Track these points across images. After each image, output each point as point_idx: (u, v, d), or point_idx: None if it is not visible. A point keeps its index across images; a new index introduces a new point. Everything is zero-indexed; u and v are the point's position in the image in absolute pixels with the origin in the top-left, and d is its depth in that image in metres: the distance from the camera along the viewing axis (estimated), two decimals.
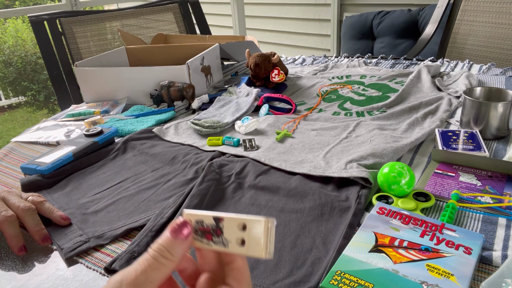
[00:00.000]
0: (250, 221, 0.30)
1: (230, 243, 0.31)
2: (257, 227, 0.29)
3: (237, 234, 0.30)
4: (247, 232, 0.30)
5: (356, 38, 2.57)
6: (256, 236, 0.30)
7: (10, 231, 0.55)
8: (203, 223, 0.32)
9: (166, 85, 1.05)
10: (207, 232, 0.32)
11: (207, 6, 3.31)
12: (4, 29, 4.99)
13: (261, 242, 0.29)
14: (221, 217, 0.31)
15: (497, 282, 0.42)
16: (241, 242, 0.30)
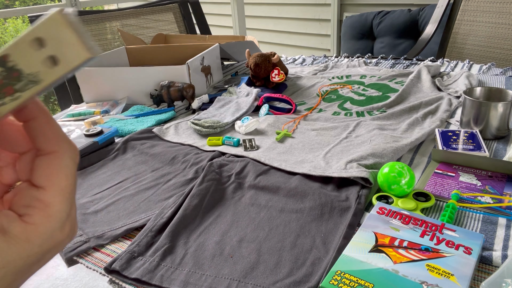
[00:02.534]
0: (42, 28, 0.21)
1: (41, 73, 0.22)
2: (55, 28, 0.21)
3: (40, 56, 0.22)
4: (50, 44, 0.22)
5: (356, 38, 2.57)
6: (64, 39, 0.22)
7: None
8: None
9: (166, 85, 1.05)
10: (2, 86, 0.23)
11: (207, 6, 3.31)
12: (4, 29, 4.99)
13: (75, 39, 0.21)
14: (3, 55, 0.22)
15: (497, 282, 0.42)
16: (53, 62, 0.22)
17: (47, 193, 0.25)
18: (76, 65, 0.22)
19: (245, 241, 0.55)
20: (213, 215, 0.61)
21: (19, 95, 0.23)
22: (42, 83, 0.22)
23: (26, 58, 0.22)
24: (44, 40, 0.22)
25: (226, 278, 0.49)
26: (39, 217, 0.24)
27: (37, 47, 0.22)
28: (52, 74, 0.22)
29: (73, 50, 0.22)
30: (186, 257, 0.53)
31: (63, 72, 0.22)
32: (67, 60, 0.22)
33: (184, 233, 0.57)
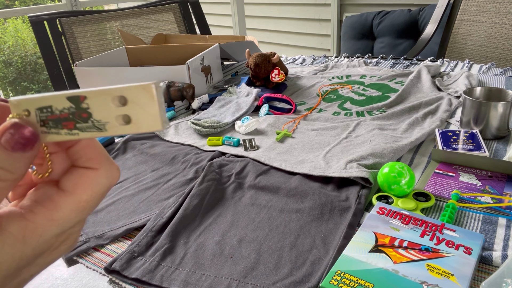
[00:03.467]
0: (130, 91, 0.23)
1: (108, 125, 0.23)
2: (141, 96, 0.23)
3: (115, 111, 0.23)
4: (131, 105, 0.23)
5: (356, 38, 2.57)
6: (144, 108, 0.23)
7: None
8: (52, 110, 0.24)
9: (166, 85, 1.05)
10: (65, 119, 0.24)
11: (207, 6, 3.31)
12: (4, 29, 4.99)
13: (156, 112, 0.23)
14: (81, 95, 0.23)
15: (497, 282, 0.42)
16: (126, 120, 0.23)
17: (63, 197, 0.24)
18: (146, 131, 0.23)
19: (245, 241, 0.55)
20: (213, 215, 0.61)
21: (76, 133, 0.24)
22: (104, 132, 0.24)
23: (101, 107, 0.23)
24: (127, 101, 0.23)
25: (226, 278, 0.49)
26: (42, 217, 0.23)
27: (118, 103, 0.23)
28: (118, 129, 0.24)
29: (149, 120, 0.23)
30: (186, 257, 0.53)
31: (129, 132, 0.23)
32: (139, 125, 0.23)
33: (184, 233, 0.57)
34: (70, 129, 0.24)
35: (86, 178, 0.24)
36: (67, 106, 0.23)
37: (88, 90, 0.23)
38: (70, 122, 0.24)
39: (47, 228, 0.23)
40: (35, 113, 0.24)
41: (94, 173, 0.25)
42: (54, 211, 0.23)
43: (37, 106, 0.24)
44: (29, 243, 0.23)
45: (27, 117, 0.24)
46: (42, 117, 0.24)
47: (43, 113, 0.24)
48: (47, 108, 0.24)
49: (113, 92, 0.23)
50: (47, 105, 0.24)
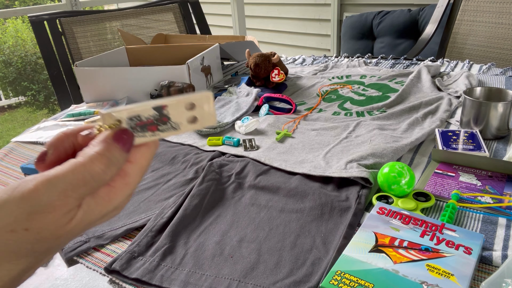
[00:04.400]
0: (198, 99, 0.30)
1: (181, 124, 0.31)
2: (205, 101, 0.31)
3: (186, 114, 0.31)
4: (197, 109, 0.31)
5: (356, 38, 2.57)
6: (207, 110, 0.31)
7: None
8: (140, 118, 0.30)
9: (166, 85, 1.05)
10: (150, 124, 0.30)
11: (207, 6, 3.31)
12: (4, 29, 4.99)
13: (213, 113, 0.31)
14: (163, 105, 0.30)
15: (497, 282, 0.42)
16: (193, 120, 0.31)
17: (131, 166, 0.30)
18: (204, 126, 0.31)
19: (245, 241, 0.55)
20: (213, 215, 0.61)
21: (158, 134, 0.31)
22: (178, 131, 0.31)
23: (177, 112, 0.30)
24: (195, 106, 0.31)
25: (226, 278, 0.49)
26: (119, 183, 0.30)
27: (189, 108, 0.31)
28: (188, 127, 0.31)
29: (209, 118, 0.31)
30: (186, 257, 0.53)
31: (195, 128, 0.31)
32: (202, 122, 0.31)
33: (184, 233, 0.57)
34: (153, 131, 0.31)
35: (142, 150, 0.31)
36: (152, 114, 0.30)
37: (167, 100, 0.30)
38: (154, 126, 0.30)
39: (124, 190, 0.30)
40: (126, 122, 0.30)
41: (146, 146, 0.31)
42: (126, 177, 0.30)
43: (128, 116, 0.30)
44: (112, 202, 0.29)
45: (120, 125, 0.30)
46: (131, 124, 0.30)
47: (132, 121, 0.30)
48: (136, 117, 0.30)
49: (186, 100, 0.30)
50: (136, 114, 0.30)
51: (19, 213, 0.25)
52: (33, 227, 0.26)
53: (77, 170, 0.27)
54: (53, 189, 0.26)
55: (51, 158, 0.31)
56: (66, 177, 0.27)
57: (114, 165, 0.29)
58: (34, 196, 0.26)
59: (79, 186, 0.27)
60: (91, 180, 0.27)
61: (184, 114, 0.31)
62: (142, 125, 0.30)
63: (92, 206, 0.28)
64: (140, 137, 0.31)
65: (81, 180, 0.27)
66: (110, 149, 0.29)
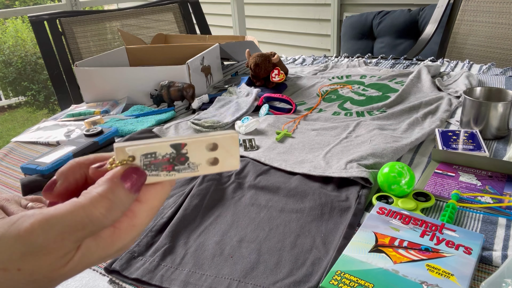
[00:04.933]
0: (221, 139, 0.28)
1: (200, 166, 0.28)
2: (229, 143, 0.28)
3: (207, 155, 0.28)
4: (220, 151, 0.28)
5: (356, 38, 2.57)
6: (230, 152, 0.28)
7: None
8: (155, 155, 0.28)
9: (166, 85, 1.05)
10: (165, 163, 0.28)
11: (207, 6, 3.31)
12: (4, 29, 4.99)
13: (237, 155, 0.29)
14: (182, 143, 0.28)
15: (497, 282, 0.42)
16: (214, 162, 0.29)
17: (140, 206, 0.28)
18: (227, 170, 0.29)
19: (245, 241, 0.55)
20: (213, 215, 0.61)
21: (173, 174, 0.28)
22: (196, 172, 0.29)
23: (197, 152, 0.28)
24: (217, 147, 0.28)
25: (226, 278, 0.49)
26: (125, 224, 0.27)
27: (210, 149, 0.28)
28: (207, 169, 0.29)
29: (232, 161, 0.29)
30: (186, 257, 0.53)
31: (216, 171, 0.29)
32: (224, 165, 0.29)
33: (184, 233, 0.57)
34: (169, 171, 0.28)
35: (155, 189, 0.29)
36: (169, 152, 0.28)
37: (186, 138, 0.28)
38: (170, 165, 0.28)
39: (129, 232, 0.28)
40: (139, 159, 0.27)
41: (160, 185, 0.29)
42: (133, 218, 0.28)
43: (143, 153, 0.27)
44: (115, 245, 0.27)
45: (132, 162, 0.27)
46: (146, 162, 0.28)
47: (147, 158, 0.28)
48: (152, 154, 0.28)
49: (208, 140, 0.28)
50: (152, 151, 0.28)
51: (13, 252, 0.24)
52: (26, 268, 0.24)
53: (76, 212, 0.25)
54: (49, 230, 0.24)
55: (59, 189, 0.29)
56: (64, 219, 0.25)
57: (118, 208, 0.27)
58: (29, 236, 0.24)
59: (77, 230, 0.25)
60: (90, 224, 0.25)
61: (204, 154, 0.28)
62: (157, 164, 0.28)
63: (92, 248, 0.26)
64: (153, 176, 0.28)
65: (80, 223, 0.25)
66: (114, 190, 0.26)
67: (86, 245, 0.26)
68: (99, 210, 0.26)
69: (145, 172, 0.28)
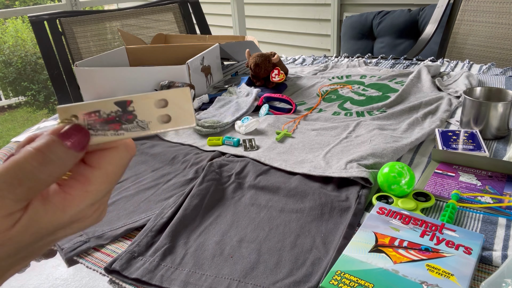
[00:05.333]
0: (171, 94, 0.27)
1: (150, 124, 0.27)
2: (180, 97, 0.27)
3: (157, 112, 0.27)
4: (170, 106, 0.27)
5: (356, 38, 2.57)
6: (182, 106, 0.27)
7: None
8: (100, 113, 0.27)
9: (166, 85, 1.05)
10: (111, 122, 0.27)
11: (207, 6, 3.31)
12: (4, 29, 4.99)
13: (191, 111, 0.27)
14: (127, 100, 0.27)
15: (497, 282, 0.42)
16: (165, 119, 0.27)
17: (93, 171, 0.27)
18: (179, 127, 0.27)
19: (245, 241, 0.55)
20: (213, 215, 0.61)
21: (122, 133, 0.27)
22: (147, 131, 0.27)
23: (145, 109, 0.27)
24: (168, 103, 0.27)
25: (226, 278, 0.49)
26: (77, 190, 0.27)
27: (159, 105, 0.27)
28: (159, 127, 0.27)
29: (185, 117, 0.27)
30: (186, 257, 0.53)
31: (169, 128, 0.27)
32: (177, 122, 0.27)
33: (184, 233, 0.57)
34: (116, 130, 0.27)
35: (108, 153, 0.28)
36: (114, 110, 0.27)
37: (133, 95, 0.27)
38: (117, 124, 0.27)
39: (82, 199, 0.27)
40: (83, 118, 0.27)
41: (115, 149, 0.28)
42: (86, 184, 0.27)
43: (86, 111, 0.27)
44: (67, 211, 0.27)
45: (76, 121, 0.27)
46: (90, 121, 0.27)
47: (91, 118, 0.27)
48: (96, 112, 0.27)
49: (155, 96, 0.27)
50: (96, 110, 0.27)
51: None
52: None
53: (11, 167, 0.24)
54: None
55: None
56: (2, 176, 0.24)
57: (55, 164, 0.25)
58: None
59: (14, 186, 0.24)
60: (25, 179, 0.24)
61: (154, 112, 0.27)
62: (101, 122, 0.27)
63: (40, 212, 0.26)
64: (99, 136, 0.27)
65: (15, 178, 0.24)
66: (50, 145, 0.25)
67: (34, 207, 0.25)
68: (31, 163, 0.25)
69: (87, 130, 0.26)
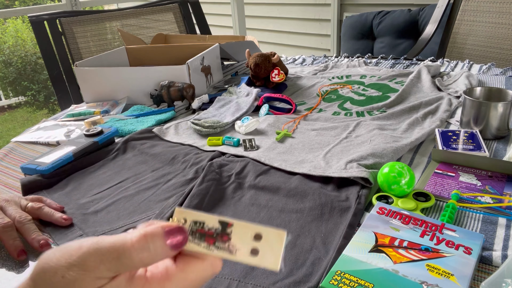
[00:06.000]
0: (267, 232, 0.29)
1: (238, 251, 0.29)
2: (275, 238, 0.28)
3: (249, 243, 0.29)
4: (263, 242, 0.28)
5: (356, 38, 2.57)
6: (273, 247, 0.28)
7: (7, 237, 0.55)
8: (203, 225, 0.30)
9: (166, 85, 1.05)
10: (209, 236, 0.29)
11: (207, 6, 3.31)
12: (4, 29, 4.99)
13: (279, 255, 0.28)
14: (230, 222, 0.29)
15: (497, 282, 0.42)
16: (253, 252, 0.29)
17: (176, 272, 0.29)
18: (262, 266, 0.28)
19: None
20: None
21: (212, 249, 0.29)
22: (232, 256, 0.29)
23: (241, 236, 0.29)
24: (261, 238, 0.28)
25: (226, 278, 0.49)
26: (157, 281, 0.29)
27: (254, 238, 0.29)
28: (243, 257, 0.29)
29: (272, 258, 0.28)
30: None
31: (252, 263, 0.29)
32: (261, 259, 0.28)
33: None
34: (209, 244, 0.29)
35: (196, 262, 0.30)
36: (216, 226, 0.29)
37: (236, 220, 0.29)
38: (212, 239, 0.29)
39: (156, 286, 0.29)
40: (189, 224, 0.30)
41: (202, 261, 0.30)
42: (166, 280, 0.29)
43: (194, 219, 0.30)
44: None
45: (183, 224, 0.30)
46: (193, 229, 0.29)
47: (195, 226, 0.29)
48: (201, 223, 0.29)
49: (255, 228, 0.29)
50: (202, 220, 0.29)
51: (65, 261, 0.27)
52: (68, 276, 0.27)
53: (117, 242, 0.28)
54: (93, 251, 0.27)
55: None
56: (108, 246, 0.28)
57: (150, 253, 0.28)
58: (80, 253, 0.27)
59: (112, 257, 0.27)
60: (122, 255, 0.28)
61: (247, 241, 0.29)
62: (202, 233, 0.29)
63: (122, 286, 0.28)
64: (194, 244, 0.29)
65: (115, 251, 0.28)
66: (154, 236, 0.28)
67: (119, 280, 0.28)
68: (133, 245, 0.28)
69: (187, 236, 0.29)
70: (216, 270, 0.31)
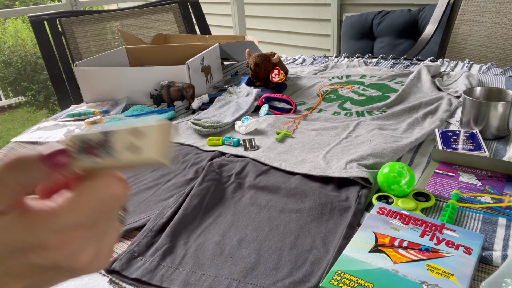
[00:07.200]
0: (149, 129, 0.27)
1: (122, 154, 0.27)
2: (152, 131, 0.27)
3: (132, 144, 0.27)
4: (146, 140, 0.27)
5: (356, 38, 2.57)
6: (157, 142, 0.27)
7: None
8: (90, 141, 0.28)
9: (166, 85, 1.05)
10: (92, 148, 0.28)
11: (207, 6, 3.31)
12: (4, 29, 4.99)
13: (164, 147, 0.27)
14: (112, 131, 0.28)
15: (497, 282, 0.42)
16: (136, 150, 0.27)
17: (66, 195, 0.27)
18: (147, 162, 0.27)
19: (245, 241, 0.55)
20: (213, 215, 0.61)
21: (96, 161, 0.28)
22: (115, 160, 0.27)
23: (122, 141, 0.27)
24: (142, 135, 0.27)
25: (226, 278, 0.49)
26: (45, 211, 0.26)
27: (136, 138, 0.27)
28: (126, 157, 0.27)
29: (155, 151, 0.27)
30: (186, 257, 0.53)
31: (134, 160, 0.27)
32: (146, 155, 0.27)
33: (184, 233, 0.57)
34: (94, 157, 0.28)
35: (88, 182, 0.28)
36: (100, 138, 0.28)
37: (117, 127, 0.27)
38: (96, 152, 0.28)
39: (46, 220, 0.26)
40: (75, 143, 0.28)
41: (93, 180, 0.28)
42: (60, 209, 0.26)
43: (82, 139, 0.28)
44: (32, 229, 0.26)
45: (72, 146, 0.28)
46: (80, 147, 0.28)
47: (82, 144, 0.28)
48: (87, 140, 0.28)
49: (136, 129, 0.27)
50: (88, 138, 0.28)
51: None
52: None
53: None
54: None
55: None
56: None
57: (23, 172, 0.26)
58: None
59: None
60: None
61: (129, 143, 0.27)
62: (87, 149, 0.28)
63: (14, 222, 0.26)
64: (81, 162, 0.28)
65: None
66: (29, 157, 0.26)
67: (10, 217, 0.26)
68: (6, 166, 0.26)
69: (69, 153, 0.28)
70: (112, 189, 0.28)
